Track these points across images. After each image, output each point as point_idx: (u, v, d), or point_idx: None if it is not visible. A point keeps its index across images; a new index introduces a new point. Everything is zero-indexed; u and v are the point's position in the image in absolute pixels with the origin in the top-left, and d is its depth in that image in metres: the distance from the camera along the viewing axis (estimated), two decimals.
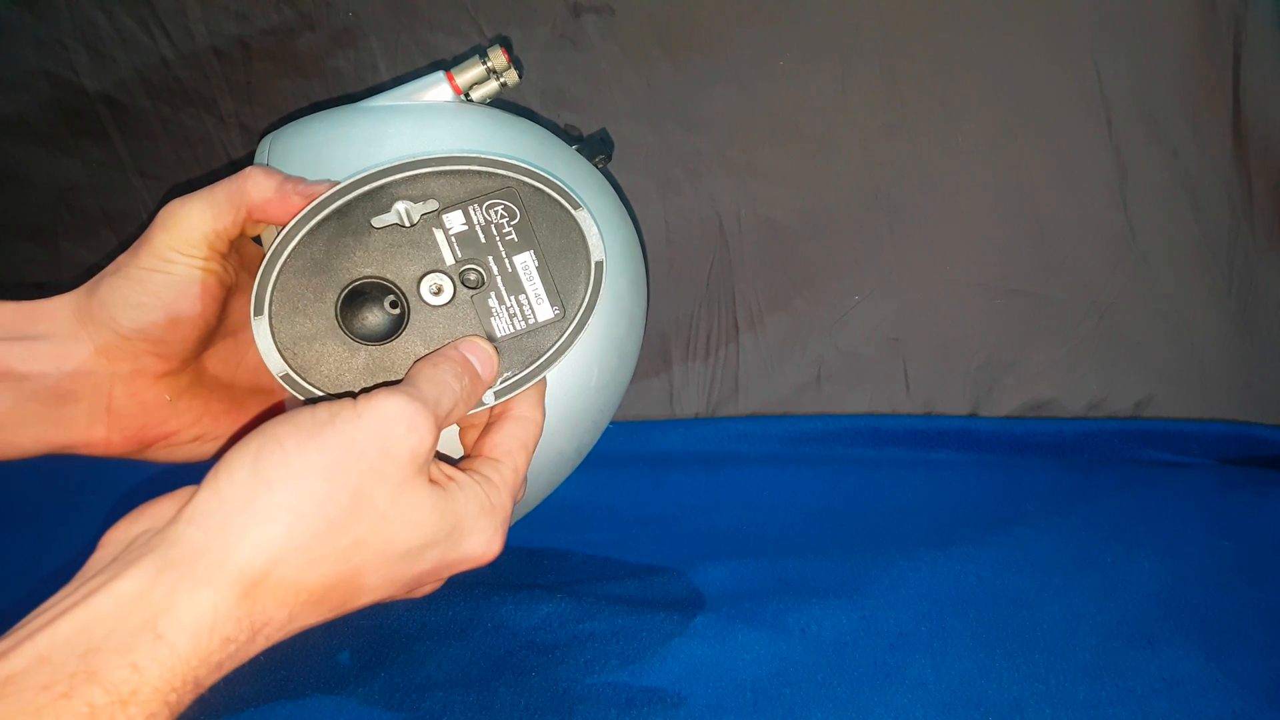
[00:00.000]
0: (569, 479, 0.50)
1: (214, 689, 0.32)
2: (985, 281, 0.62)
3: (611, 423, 0.66)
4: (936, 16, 0.56)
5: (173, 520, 0.31)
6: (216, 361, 0.42)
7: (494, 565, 0.54)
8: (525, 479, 0.40)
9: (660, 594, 0.51)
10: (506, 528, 0.37)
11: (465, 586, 0.51)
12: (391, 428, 0.33)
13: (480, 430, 0.40)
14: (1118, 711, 0.42)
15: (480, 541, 0.36)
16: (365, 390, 0.38)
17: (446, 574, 0.37)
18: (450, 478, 0.36)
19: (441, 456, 0.40)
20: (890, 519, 0.57)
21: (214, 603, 0.30)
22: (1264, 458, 0.60)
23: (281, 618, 0.32)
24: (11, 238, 0.70)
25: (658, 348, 0.66)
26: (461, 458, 0.41)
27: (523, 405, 0.40)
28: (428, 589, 0.38)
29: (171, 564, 0.30)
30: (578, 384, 0.44)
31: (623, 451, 0.64)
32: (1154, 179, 0.58)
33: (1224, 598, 0.48)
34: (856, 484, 0.60)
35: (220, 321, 0.41)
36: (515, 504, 0.39)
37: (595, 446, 0.50)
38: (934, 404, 0.64)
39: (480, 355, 0.39)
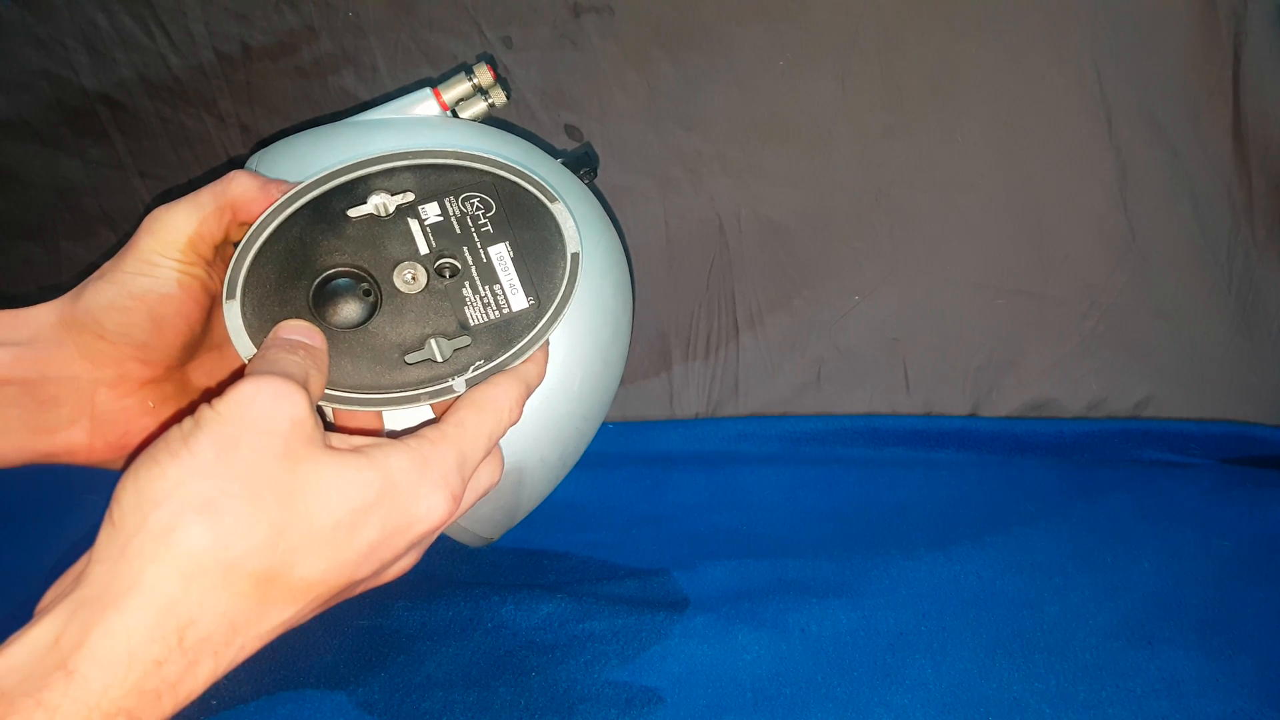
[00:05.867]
0: (569, 479, 0.50)
1: (214, 689, 0.31)
2: (985, 281, 0.62)
3: (611, 423, 0.66)
4: (936, 16, 0.56)
5: (84, 567, 0.31)
6: (201, 374, 0.42)
7: (494, 565, 0.55)
8: (483, 443, 0.37)
9: (660, 594, 0.51)
10: (452, 484, 0.35)
11: (465, 586, 0.51)
12: (256, 406, 0.32)
13: None
14: (1118, 711, 0.43)
15: (424, 499, 0.34)
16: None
17: (403, 543, 0.34)
18: (367, 443, 0.34)
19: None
20: (890, 519, 0.57)
21: (126, 628, 0.29)
22: (1264, 458, 0.60)
23: (224, 630, 0.30)
24: (11, 238, 0.70)
25: (658, 348, 0.66)
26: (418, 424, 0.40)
27: (498, 375, 0.39)
28: (402, 565, 0.36)
29: (83, 603, 0.29)
30: (560, 388, 0.44)
31: (623, 451, 0.64)
32: (1154, 179, 0.58)
33: (1223, 598, 0.48)
34: (856, 484, 0.60)
35: (205, 333, 0.41)
36: (476, 467, 0.37)
37: (595, 446, 0.50)
38: (934, 404, 0.64)
39: (296, 330, 0.37)
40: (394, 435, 0.36)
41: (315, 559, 0.32)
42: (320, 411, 0.37)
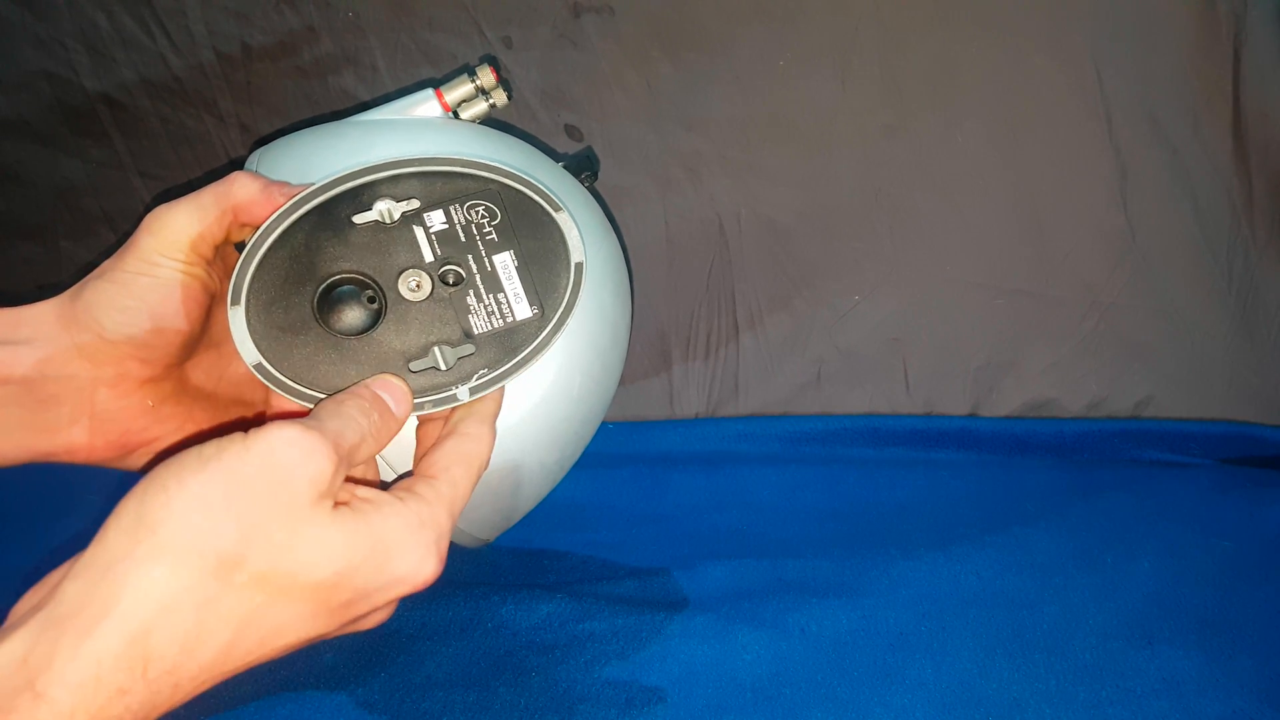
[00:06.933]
0: (569, 479, 0.50)
1: (214, 688, 0.32)
2: (985, 281, 0.62)
3: (611, 423, 0.66)
4: (936, 16, 0.56)
5: (60, 579, 0.30)
6: (200, 372, 0.42)
7: (494, 565, 0.55)
8: (468, 495, 0.37)
9: (660, 594, 0.51)
10: (442, 546, 0.35)
11: (465, 586, 0.51)
12: (283, 456, 0.32)
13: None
14: (1117, 711, 0.42)
15: (411, 561, 0.34)
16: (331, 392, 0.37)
17: (381, 599, 0.34)
18: (365, 499, 0.34)
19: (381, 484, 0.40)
20: (890, 519, 0.57)
21: (97, 654, 0.28)
22: (1264, 458, 0.60)
23: (189, 667, 0.30)
24: (11, 238, 0.70)
25: (658, 348, 0.66)
26: (399, 477, 0.40)
27: (469, 422, 0.39)
28: (376, 618, 0.36)
29: (54, 621, 0.29)
30: (559, 392, 0.44)
31: (623, 451, 0.64)
32: (1154, 179, 0.58)
33: (1223, 598, 0.48)
34: (856, 484, 0.60)
35: (204, 332, 0.41)
36: (457, 522, 0.37)
37: (595, 447, 0.50)
38: (934, 404, 0.64)
39: (394, 392, 0.38)
40: (387, 486, 0.36)
41: (290, 611, 0.32)
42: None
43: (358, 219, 0.41)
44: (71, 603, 0.29)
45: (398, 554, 0.34)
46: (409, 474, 0.39)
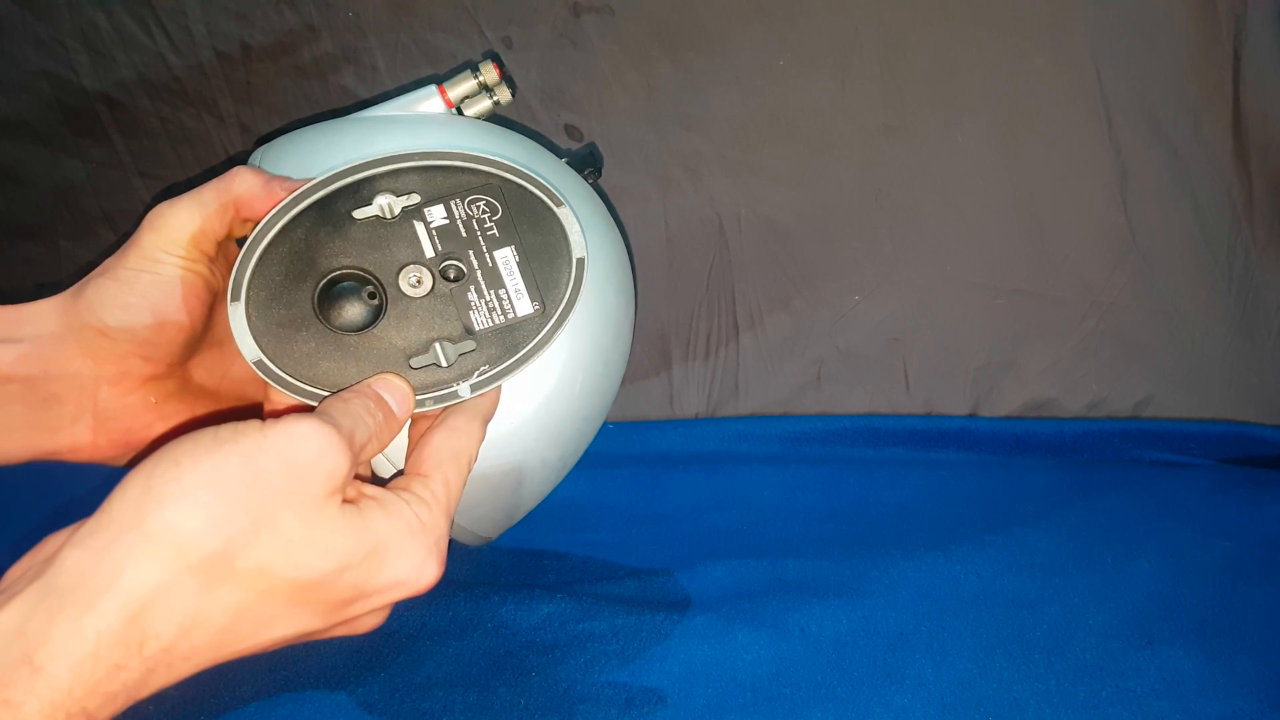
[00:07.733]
0: (569, 479, 0.50)
1: (214, 689, 0.31)
2: (985, 281, 0.62)
3: (611, 423, 0.66)
4: (936, 16, 0.56)
5: (61, 545, 0.30)
6: (202, 371, 0.42)
7: (494, 565, 0.55)
8: (459, 495, 0.37)
9: (660, 594, 0.51)
10: (442, 548, 0.35)
11: (465, 586, 0.51)
12: (301, 450, 0.32)
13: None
14: (1117, 711, 0.42)
15: (410, 564, 0.34)
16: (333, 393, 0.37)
17: (378, 601, 0.34)
18: (371, 496, 0.34)
19: (375, 479, 0.39)
20: (890, 519, 0.57)
21: (97, 629, 0.28)
22: (1263, 458, 0.60)
23: (184, 647, 0.30)
24: (11, 238, 0.70)
25: (658, 348, 0.66)
26: (394, 475, 0.40)
27: (460, 416, 0.39)
28: (368, 621, 0.36)
29: (53, 591, 0.28)
30: (561, 390, 0.44)
31: (623, 451, 0.64)
32: (1154, 179, 0.58)
33: (1223, 598, 0.48)
34: (856, 484, 0.60)
35: (207, 330, 0.41)
36: (454, 520, 0.37)
37: (595, 446, 0.50)
38: (934, 404, 0.64)
39: (395, 392, 0.38)
40: (383, 484, 0.36)
41: (286, 605, 0.32)
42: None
43: (358, 214, 0.40)
44: (72, 573, 0.29)
45: (399, 556, 0.34)
46: (401, 472, 0.39)
